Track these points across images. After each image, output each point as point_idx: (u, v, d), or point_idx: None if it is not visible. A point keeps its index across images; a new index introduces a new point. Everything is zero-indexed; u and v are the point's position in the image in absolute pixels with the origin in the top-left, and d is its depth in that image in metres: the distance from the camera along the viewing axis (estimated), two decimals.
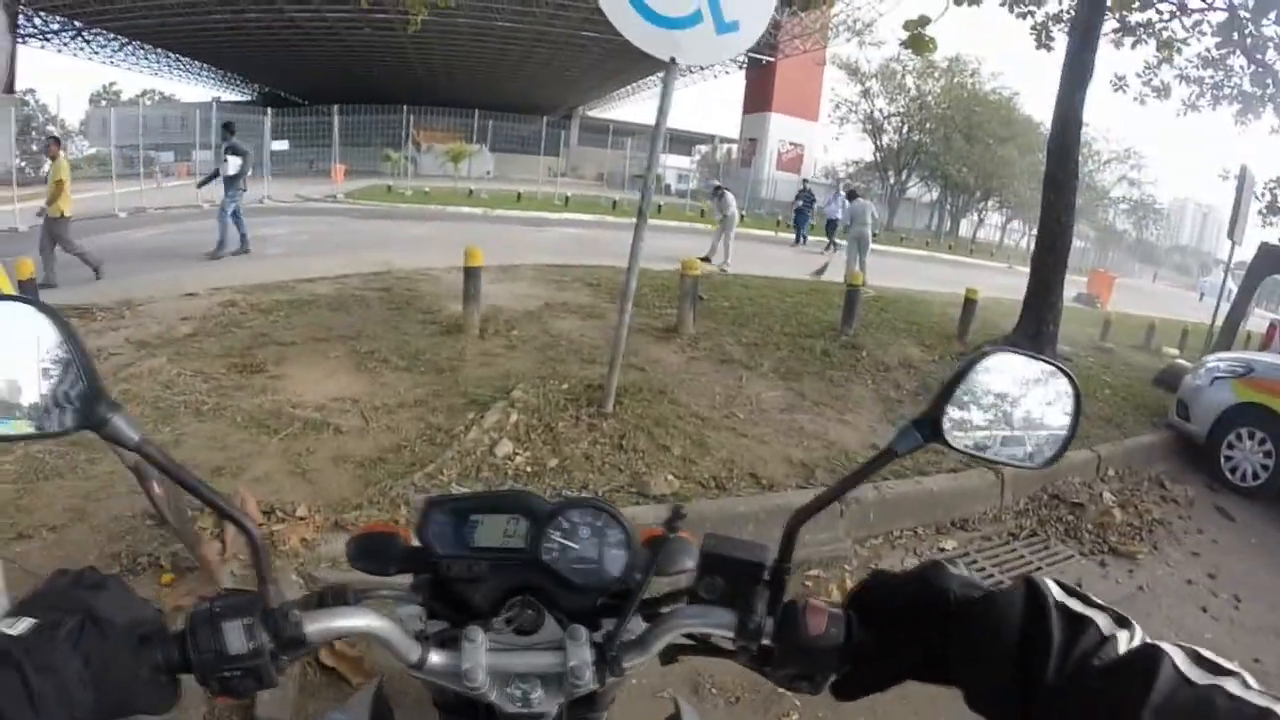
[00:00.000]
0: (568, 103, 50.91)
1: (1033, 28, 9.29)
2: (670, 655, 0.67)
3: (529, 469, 3.21)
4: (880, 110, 35.16)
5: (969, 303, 7.47)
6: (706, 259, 11.04)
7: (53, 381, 0.58)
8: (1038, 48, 9.37)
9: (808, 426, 4.29)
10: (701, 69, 31.19)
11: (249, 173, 10.16)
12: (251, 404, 3.75)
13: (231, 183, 9.59)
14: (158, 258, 9.14)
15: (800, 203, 19.53)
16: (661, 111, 3.51)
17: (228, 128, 10.32)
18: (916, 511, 3.68)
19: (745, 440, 3.81)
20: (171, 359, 4.49)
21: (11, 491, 2.91)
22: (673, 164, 37.07)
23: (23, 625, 0.49)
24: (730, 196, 12.45)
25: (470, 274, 5.19)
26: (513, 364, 4.58)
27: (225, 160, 9.67)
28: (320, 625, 0.58)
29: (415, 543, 0.70)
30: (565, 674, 0.62)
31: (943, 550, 3.54)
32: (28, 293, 4.87)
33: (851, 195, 13.77)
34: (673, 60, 3.33)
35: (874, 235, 12.28)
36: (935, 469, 3.88)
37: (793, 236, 19.50)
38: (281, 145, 25.38)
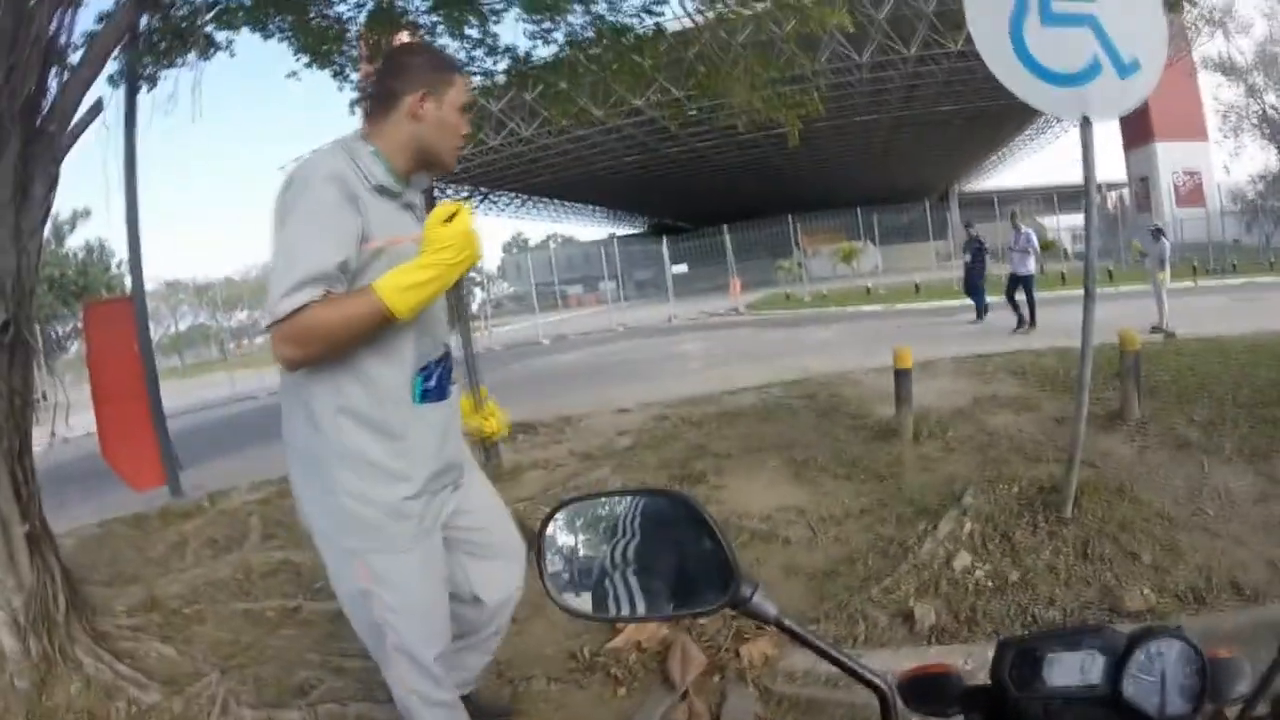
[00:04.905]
0: (942, 182, 49.22)
1: None
2: None
3: (990, 583, 2.98)
4: (1273, 106, 27.63)
5: None
6: (1158, 329, 8.99)
7: (696, 564, 0.66)
8: None
9: None
10: (1054, 121, 28.02)
11: None
12: None
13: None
14: (584, 377, 10.39)
15: (968, 256, 12.49)
16: (1087, 178, 3.31)
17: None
18: None
19: (1219, 541, 3.32)
20: (614, 470, 4.87)
21: None
22: (1066, 224, 33.14)
23: None
24: (1166, 242, 10.24)
25: (900, 376, 5.10)
26: (954, 467, 4.34)
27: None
28: None
29: (974, 682, 0.71)
30: None
31: None
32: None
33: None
34: (1086, 120, 3.16)
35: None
36: None
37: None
38: (680, 268, 28.56)
